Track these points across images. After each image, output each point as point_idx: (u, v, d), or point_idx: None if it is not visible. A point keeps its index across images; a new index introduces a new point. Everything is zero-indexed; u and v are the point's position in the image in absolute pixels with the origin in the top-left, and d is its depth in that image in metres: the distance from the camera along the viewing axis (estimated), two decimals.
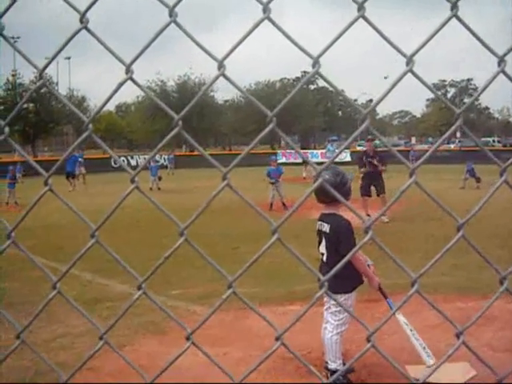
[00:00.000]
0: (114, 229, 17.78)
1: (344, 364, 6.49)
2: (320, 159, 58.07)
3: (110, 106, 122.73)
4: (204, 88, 1.50)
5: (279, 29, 1.33)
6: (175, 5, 1.41)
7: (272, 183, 23.07)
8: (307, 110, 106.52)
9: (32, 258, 1.67)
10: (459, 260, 12.00)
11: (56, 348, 7.49)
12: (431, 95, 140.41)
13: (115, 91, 1.43)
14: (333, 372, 6.43)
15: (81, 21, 1.38)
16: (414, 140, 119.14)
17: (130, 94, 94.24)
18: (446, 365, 6.76)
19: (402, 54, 1.39)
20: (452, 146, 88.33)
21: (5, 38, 1.56)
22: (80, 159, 44.03)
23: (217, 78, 1.41)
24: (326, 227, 6.41)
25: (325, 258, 6.48)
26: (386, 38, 1.36)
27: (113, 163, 51.10)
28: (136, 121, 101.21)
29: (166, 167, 54.08)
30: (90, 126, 1.48)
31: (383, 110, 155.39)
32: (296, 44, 1.36)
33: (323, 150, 61.24)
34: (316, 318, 8.21)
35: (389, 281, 9.97)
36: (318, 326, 7.48)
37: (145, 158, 59.34)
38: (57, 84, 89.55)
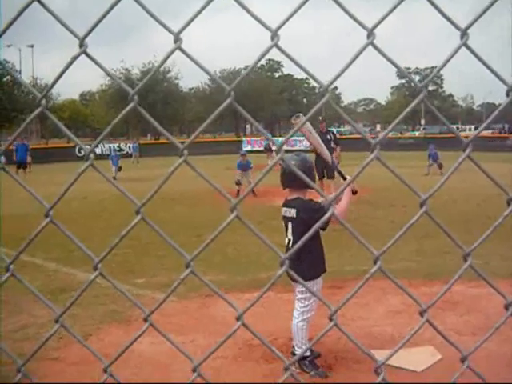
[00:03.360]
0: (78, 217, 17.70)
1: (312, 350, 6.51)
2: (285, 147, 58.10)
3: (74, 95, 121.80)
4: (161, 61, 1.46)
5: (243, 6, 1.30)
6: None
7: (242, 171, 23.22)
8: (272, 98, 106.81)
9: None
10: (424, 246, 12.11)
11: (21, 339, 7.40)
12: (396, 83, 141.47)
13: (69, 64, 1.39)
14: (300, 358, 6.45)
15: None
16: (378, 127, 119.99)
17: (93, 83, 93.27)
18: (412, 349, 6.83)
19: (363, 26, 1.37)
20: (416, 134, 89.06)
21: None
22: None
23: (173, 51, 1.38)
24: (291, 212, 6.40)
25: (291, 244, 6.47)
26: (345, 10, 1.33)
27: (77, 152, 50.68)
28: (100, 109, 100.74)
29: (131, 156, 53.79)
30: (43, 101, 1.43)
31: (348, 98, 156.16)
32: (252, 14, 1.33)
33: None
34: (282, 306, 8.24)
35: (352, 267, 10.03)
36: (284, 313, 7.49)
37: (110, 147, 59.14)
38: (20, 72, 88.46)
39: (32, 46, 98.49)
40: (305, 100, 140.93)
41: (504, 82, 1.54)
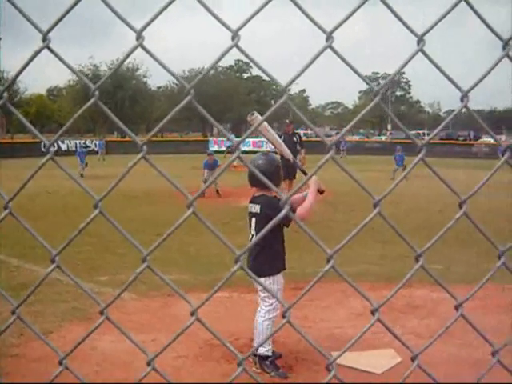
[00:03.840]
0: (41, 213, 17.57)
1: (273, 351, 6.54)
2: (252, 148, 58.06)
3: (41, 90, 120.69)
4: (123, 58, 1.47)
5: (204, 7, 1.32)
6: None
7: (209, 170, 23.25)
8: (240, 99, 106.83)
9: None
10: (386, 251, 12.20)
11: None
12: (364, 87, 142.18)
13: (31, 59, 1.40)
14: (260, 357, 6.48)
15: None
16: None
17: (61, 78, 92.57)
18: (372, 352, 6.89)
19: (322, 30, 1.40)
20: (383, 138, 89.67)
21: None
22: None
23: (135, 48, 1.39)
24: (256, 208, 6.45)
25: (253, 239, 6.51)
26: (305, 13, 1.36)
27: (42, 148, 50.20)
28: (67, 105, 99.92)
29: (97, 153, 53.50)
30: (5, 94, 1.44)
31: (316, 101, 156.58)
32: (213, 14, 1.35)
33: (255, 139, 61.34)
34: (245, 306, 8.26)
35: (313, 269, 10.07)
36: (245, 314, 7.52)
37: (76, 143, 58.79)
38: None
39: None
40: (272, 101, 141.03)
41: (458, 88, 1.58)
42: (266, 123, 6.74)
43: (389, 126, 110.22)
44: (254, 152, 6.23)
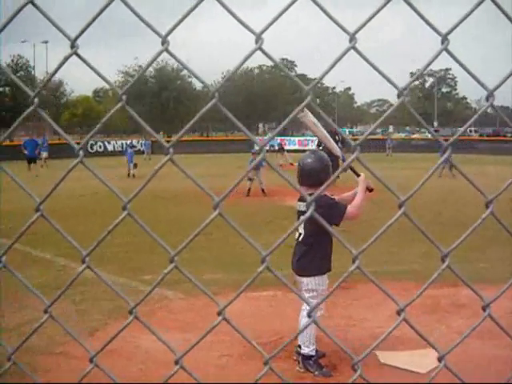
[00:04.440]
0: (80, 214, 17.79)
1: (317, 350, 6.54)
2: (297, 146, 58.04)
3: (88, 91, 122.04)
4: (148, 62, 1.50)
5: (230, 12, 1.34)
6: None
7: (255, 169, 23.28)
8: (284, 98, 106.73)
9: None
10: (432, 250, 12.05)
11: (28, 332, 7.50)
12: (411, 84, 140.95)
13: (60, 65, 1.44)
14: (304, 356, 6.48)
15: None
16: (391, 128, 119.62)
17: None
18: (417, 351, 6.85)
19: (345, 31, 1.41)
20: (429, 135, 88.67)
21: None
22: (43, 144, 44.66)
23: (160, 53, 1.42)
24: (304, 206, 6.41)
25: (301, 238, 6.51)
26: (329, 15, 1.37)
27: (89, 148, 50.88)
28: (113, 106, 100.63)
29: (143, 153, 53.93)
30: (36, 100, 1.48)
31: (361, 99, 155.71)
32: (236, 18, 1.37)
33: (301, 138, 61.34)
34: (289, 305, 8.27)
35: (357, 269, 10.01)
36: (289, 313, 7.53)
37: (122, 143, 59.41)
38: (33, 68, 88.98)
39: (46, 42, 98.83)
40: (318, 100, 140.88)
41: (484, 86, 1.57)
42: (315, 120, 6.75)
43: (435, 123, 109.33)
44: (301, 151, 6.24)
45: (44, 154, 44.52)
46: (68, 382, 5.89)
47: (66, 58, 1.41)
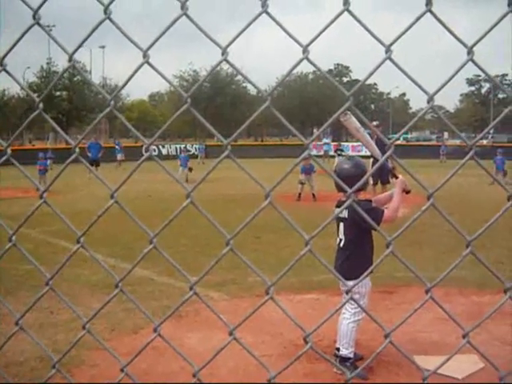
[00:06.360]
0: (139, 215, 18.07)
1: (354, 353, 6.63)
2: (351, 152, 57.75)
3: (143, 95, 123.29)
4: (208, 72, 1.68)
5: (276, 21, 1.51)
6: None
7: (306, 174, 23.49)
8: (338, 103, 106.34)
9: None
10: (479, 256, 12.03)
11: (75, 328, 7.74)
12: (465, 90, 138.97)
13: (133, 74, 1.62)
14: (342, 358, 6.58)
15: (105, 12, 1.57)
16: (446, 135, 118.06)
17: (163, 84, 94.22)
18: (455, 356, 6.92)
19: (381, 43, 1.56)
20: (484, 142, 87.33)
21: (40, 26, 1.74)
22: (117, 147, 46.52)
23: (219, 62, 1.59)
24: (344, 212, 6.50)
25: (342, 244, 6.60)
26: (367, 28, 1.53)
27: (143, 151, 51.39)
28: (168, 110, 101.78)
29: (197, 157, 54.29)
30: (112, 102, 1.67)
31: (416, 104, 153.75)
32: (285, 30, 1.53)
33: (354, 143, 61.07)
34: (329, 307, 8.37)
35: (403, 273, 10.06)
36: (333, 316, 7.65)
37: (176, 147, 59.86)
38: (90, 72, 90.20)
39: (103, 47, 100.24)
40: (372, 106, 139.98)
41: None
42: (358, 124, 6.79)
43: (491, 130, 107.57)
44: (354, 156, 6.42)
45: (119, 156, 46.04)
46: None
47: (139, 67, 1.59)
